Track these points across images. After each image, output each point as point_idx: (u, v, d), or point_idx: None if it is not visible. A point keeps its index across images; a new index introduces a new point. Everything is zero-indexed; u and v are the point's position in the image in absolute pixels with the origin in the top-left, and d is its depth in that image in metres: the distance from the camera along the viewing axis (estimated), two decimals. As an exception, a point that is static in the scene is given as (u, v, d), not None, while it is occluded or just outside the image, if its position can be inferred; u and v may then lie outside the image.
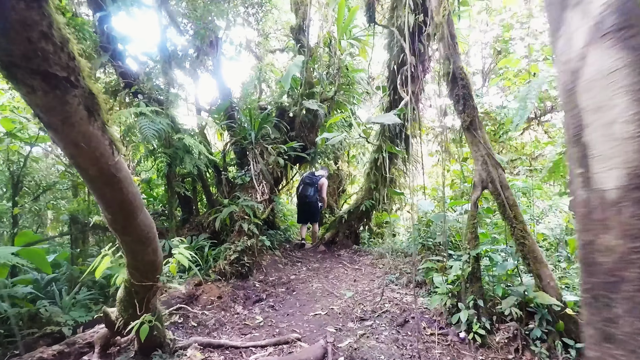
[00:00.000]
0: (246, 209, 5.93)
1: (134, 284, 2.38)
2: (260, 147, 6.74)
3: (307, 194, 7.66)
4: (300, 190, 7.89)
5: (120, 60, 6.07)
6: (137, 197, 2.12)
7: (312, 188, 7.69)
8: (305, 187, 7.84)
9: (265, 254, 6.29)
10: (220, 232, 6.55)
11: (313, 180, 7.81)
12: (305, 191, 7.74)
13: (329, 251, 7.70)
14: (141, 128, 4.94)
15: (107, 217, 2.08)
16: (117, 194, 1.96)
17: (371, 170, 7.49)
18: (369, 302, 4.48)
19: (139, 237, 2.21)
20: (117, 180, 1.89)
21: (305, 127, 7.48)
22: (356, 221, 7.74)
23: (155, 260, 2.45)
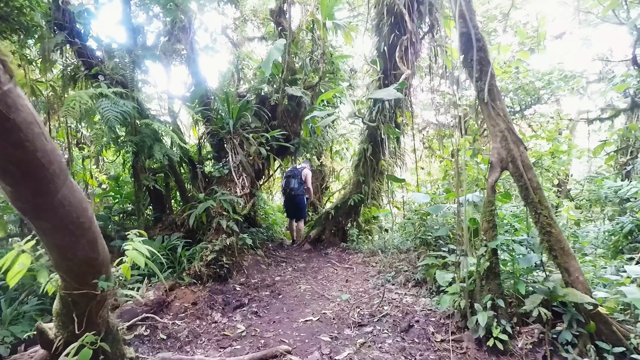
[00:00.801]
0: (224, 204, 5.32)
1: (70, 293, 1.77)
2: (240, 136, 6.14)
3: (292, 186, 7.34)
4: (284, 185, 7.57)
5: (79, 40, 5.36)
6: (56, 159, 1.50)
7: (295, 180, 7.35)
8: (289, 180, 7.49)
9: (247, 253, 5.69)
10: (197, 230, 5.91)
11: (295, 173, 7.48)
12: (289, 184, 7.41)
13: (315, 250, 7.16)
14: (102, 110, 4.27)
15: (6, 190, 1.45)
16: (14, 149, 1.31)
17: (359, 162, 7.00)
18: (365, 305, 3.97)
19: (64, 223, 1.56)
20: (12, 125, 1.25)
21: (288, 117, 6.92)
22: (344, 217, 7.23)
23: (95, 258, 1.83)
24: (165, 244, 5.19)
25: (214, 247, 4.99)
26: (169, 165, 6.15)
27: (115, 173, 7.77)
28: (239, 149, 5.99)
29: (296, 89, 6.61)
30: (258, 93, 6.82)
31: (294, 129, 7.02)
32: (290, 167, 7.89)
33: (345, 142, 12.06)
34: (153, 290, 4.21)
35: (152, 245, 5.14)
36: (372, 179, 7.01)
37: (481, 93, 2.77)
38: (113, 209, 7.00)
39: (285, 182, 7.59)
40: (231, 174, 5.86)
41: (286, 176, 7.64)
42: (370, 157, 6.72)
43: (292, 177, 7.49)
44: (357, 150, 7.23)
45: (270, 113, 6.78)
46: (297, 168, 7.65)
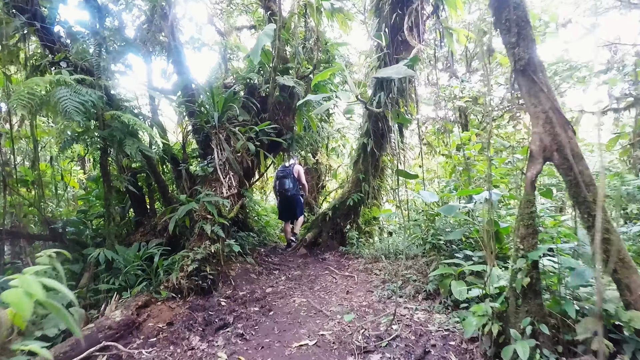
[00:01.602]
0: (208, 206, 4.70)
1: None
2: (226, 131, 5.52)
3: (286, 187, 6.85)
4: (277, 187, 7.08)
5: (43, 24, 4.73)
6: None
7: (288, 180, 6.86)
8: (282, 181, 6.97)
9: (235, 261, 5.08)
10: (180, 236, 5.31)
11: (286, 172, 6.97)
12: (283, 185, 6.91)
13: (312, 255, 6.56)
14: (59, 100, 3.64)
15: None
16: None
17: (359, 158, 6.41)
18: (371, 324, 3.37)
19: None
20: None
21: (280, 109, 6.31)
22: (342, 219, 6.64)
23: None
24: (142, 253, 4.56)
25: (196, 255, 4.38)
26: (148, 163, 5.55)
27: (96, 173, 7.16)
28: (225, 144, 5.37)
29: (288, 79, 6.01)
30: (246, 83, 6.20)
31: (287, 123, 6.40)
32: (279, 166, 7.34)
33: (342, 139, 11.47)
34: (121, 310, 3.59)
35: (126, 254, 4.54)
36: (372, 176, 6.42)
37: (519, 62, 2.17)
38: (89, 212, 6.38)
39: (278, 184, 7.09)
40: (216, 173, 5.24)
41: (278, 177, 7.12)
42: (371, 153, 6.13)
43: (284, 177, 6.99)
44: (356, 145, 6.63)
45: (260, 105, 6.16)
46: (286, 166, 7.11)
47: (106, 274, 4.33)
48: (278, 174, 7.11)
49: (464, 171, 6.10)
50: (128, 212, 6.52)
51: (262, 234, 7.69)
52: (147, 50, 6.52)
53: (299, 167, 7.17)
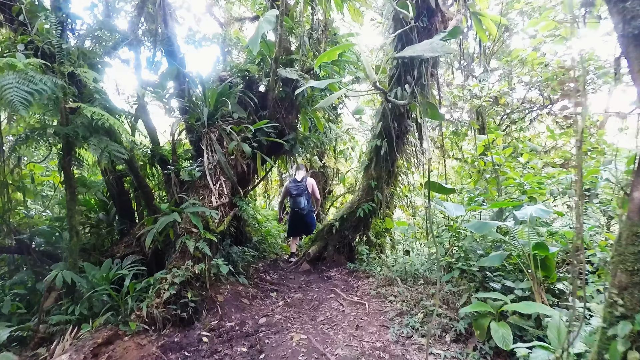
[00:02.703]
0: (192, 218, 3.97)
1: None
2: (219, 130, 4.79)
3: (301, 206, 6.26)
4: (291, 204, 6.46)
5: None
6: None
7: (302, 198, 6.25)
8: (296, 200, 6.27)
9: (224, 282, 4.33)
10: (164, 251, 4.60)
11: (300, 188, 6.23)
12: (298, 204, 6.28)
13: (316, 271, 5.80)
14: (2, 89, 2.93)
15: None
16: None
17: (370, 163, 5.63)
18: (388, 381, 2.59)
19: None
20: None
21: (282, 106, 5.56)
22: (351, 231, 5.86)
23: None
24: (112, 273, 3.84)
25: (175, 278, 3.64)
26: (129, 166, 4.85)
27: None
28: (216, 145, 4.64)
29: (291, 71, 5.26)
30: (244, 76, 5.47)
31: (289, 122, 5.66)
32: (290, 180, 6.61)
33: (351, 141, 10.69)
34: (71, 352, 2.86)
35: (93, 275, 3.81)
36: (386, 183, 5.64)
37: (632, 22, 1.40)
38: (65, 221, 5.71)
39: (292, 202, 6.39)
40: (205, 178, 4.51)
41: (291, 195, 6.38)
42: (385, 157, 5.35)
43: (298, 195, 6.27)
44: (368, 148, 5.84)
45: (259, 102, 5.43)
46: (299, 181, 6.35)
47: (67, 299, 3.61)
48: (291, 191, 6.36)
49: (492, 179, 5.30)
50: (113, 220, 5.85)
51: (262, 244, 6.95)
52: (136, 39, 5.82)
53: (312, 181, 6.50)
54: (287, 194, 6.52)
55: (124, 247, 5.23)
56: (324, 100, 2.64)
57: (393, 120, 5.00)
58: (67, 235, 5.60)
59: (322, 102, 2.59)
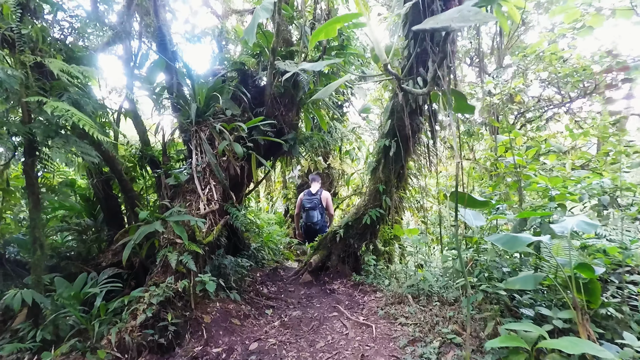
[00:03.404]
0: (175, 228, 3.49)
1: None
2: (209, 128, 4.31)
3: (314, 221, 6.01)
4: (304, 218, 6.17)
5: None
6: None
7: (316, 212, 5.99)
8: (310, 214, 6.06)
9: (213, 300, 3.84)
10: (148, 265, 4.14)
11: (314, 202, 5.98)
12: (311, 219, 6.04)
13: (318, 283, 5.30)
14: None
15: None
16: None
17: (378, 165, 5.11)
18: None
19: None
20: None
21: (281, 103, 5.08)
22: (356, 239, 5.34)
23: None
24: (85, 291, 3.38)
25: (153, 297, 3.16)
26: (111, 168, 4.40)
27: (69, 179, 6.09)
28: (206, 145, 4.17)
29: (291, 64, 4.78)
30: (239, 70, 4.99)
31: (289, 120, 5.17)
32: (304, 192, 6.24)
33: (358, 141, 10.15)
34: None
35: (61, 294, 3.36)
36: (395, 187, 5.12)
37: None
38: (47, 226, 5.31)
39: (305, 216, 6.10)
40: (193, 182, 4.04)
41: (305, 209, 6.06)
42: (395, 158, 4.83)
43: (312, 208, 6.00)
44: (375, 148, 5.32)
45: (255, 98, 4.96)
46: (313, 194, 6.03)
47: (28, 322, 3.16)
48: (304, 204, 6.03)
49: (514, 184, 4.76)
50: (100, 226, 5.43)
51: (261, 252, 6.46)
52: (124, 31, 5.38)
53: (327, 195, 6.13)
54: (300, 207, 6.19)
55: (112, 255, 4.81)
56: (323, 89, 2.15)
57: (404, 117, 4.48)
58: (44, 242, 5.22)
59: (322, 91, 2.11)
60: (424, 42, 3.13)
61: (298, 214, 6.35)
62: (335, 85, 2.02)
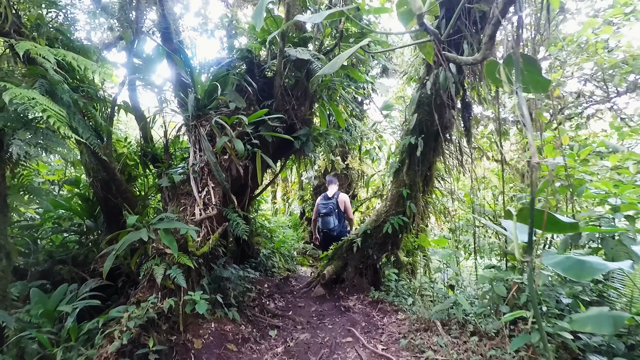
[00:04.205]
0: (163, 237, 2.99)
1: None
2: (210, 123, 3.80)
3: (331, 227, 5.40)
4: (320, 225, 5.56)
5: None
6: None
7: (332, 217, 5.39)
8: (325, 220, 5.45)
9: (208, 320, 3.32)
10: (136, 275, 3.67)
11: (330, 207, 5.42)
12: (327, 225, 5.43)
13: (332, 298, 4.73)
14: None
15: None
16: None
17: (402, 167, 4.49)
18: None
19: None
20: None
21: (293, 95, 4.52)
22: (376, 249, 4.73)
23: None
24: (58, 309, 2.92)
25: (129, 321, 2.66)
26: (103, 167, 3.96)
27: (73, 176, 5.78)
28: (205, 142, 3.66)
29: (303, 51, 4.22)
30: (245, 58, 4.47)
31: (301, 115, 4.61)
32: (320, 196, 5.68)
33: (379, 140, 9.48)
34: None
35: (35, 310, 2.92)
36: (421, 192, 4.49)
37: None
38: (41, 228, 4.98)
39: (321, 222, 5.51)
40: (189, 184, 3.54)
41: (320, 214, 5.48)
42: (422, 158, 4.19)
43: (327, 214, 5.41)
44: (399, 147, 4.68)
45: (264, 89, 4.43)
46: (329, 197, 5.46)
47: (-11, 344, 2.72)
48: (320, 209, 5.47)
49: (562, 189, 4.05)
50: (101, 228, 5.04)
51: (271, 259, 5.94)
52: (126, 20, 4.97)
53: (345, 198, 5.55)
54: (317, 213, 5.63)
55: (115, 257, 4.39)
56: (332, 61, 1.60)
57: (433, 110, 3.85)
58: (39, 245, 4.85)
59: (330, 64, 1.56)
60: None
61: (315, 219, 5.81)
62: (347, 54, 1.47)
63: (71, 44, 4.27)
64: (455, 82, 3.75)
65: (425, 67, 4.20)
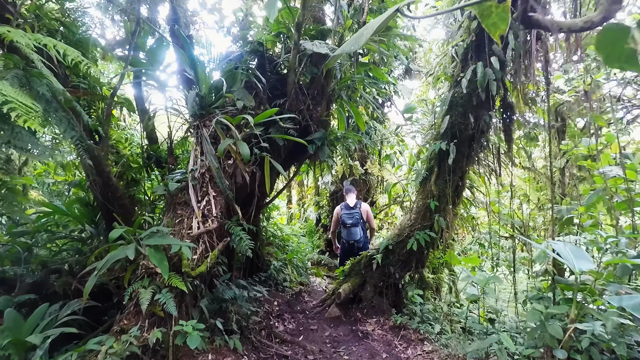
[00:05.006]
0: (152, 255, 2.57)
1: None
2: (214, 123, 3.37)
3: (357, 239, 5.00)
4: (345, 236, 5.13)
5: None
6: None
7: (358, 228, 4.99)
8: (352, 232, 5.03)
9: (204, 352, 2.87)
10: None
11: (355, 217, 4.99)
12: (354, 236, 5.01)
13: (348, 319, 4.23)
14: None
15: None
16: None
17: (430, 176, 3.96)
18: None
19: None
20: None
21: (308, 95, 4.06)
22: (398, 267, 4.21)
23: None
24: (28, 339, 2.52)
25: (107, 356, 2.24)
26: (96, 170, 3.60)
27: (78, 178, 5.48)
28: (208, 145, 3.23)
29: (321, 45, 3.75)
30: (256, 51, 4.03)
31: (317, 116, 4.13)
32: (341, 205, 5.24)
33: (400, 144, 8.90)
34: None
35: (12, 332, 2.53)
36: (452, 204, 3.95)
37: None
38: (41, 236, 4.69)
39: (346, 234, 5.09)
40: (187, 192, 3.11)
41: (345, 225, 5.05)
42: (453, 167, 3.66)
43: (354, 225, 4.99)
44: (427, 153, 4.13)
45: (276, 86, 3.99)
46: (352, 207, 5.05)
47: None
48: (345, 220, 5.03)
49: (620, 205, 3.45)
50: (102, 234, 4.70)
51: (282, 272, 5.48)
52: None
53: (367, 207, 5.19)
54: (338, 223, 5.22)
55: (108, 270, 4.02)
56: (354, 36, 1.13)
57: (468, 112, 3.32)
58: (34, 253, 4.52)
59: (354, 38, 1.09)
60: None
61: (334, 231, 5.37)
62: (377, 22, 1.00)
63: (73, 37, 3.96)
64: (497, 79, 3.21)
65: (461, 63, 3.67)
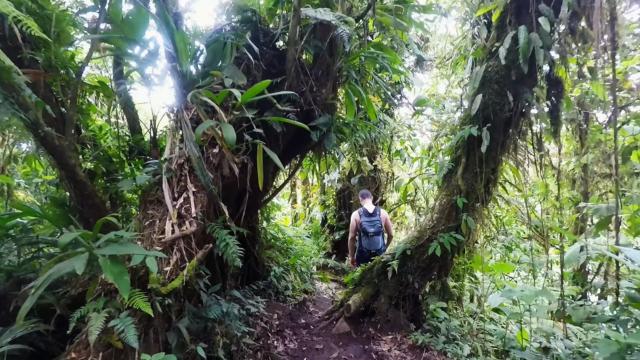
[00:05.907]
0: (107, 268, 1.97)
1: None
2: (196, 104, 2.76)
3: (379, 248, 4.62)
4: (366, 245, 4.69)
5: None
6: None
7: (380, 237, 4.63)
8: (374, 241, 4.63)
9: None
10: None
11: (377, 225, 4.62)
12: (376, 245, 4.63)
13: (358, 336, 3.62)
14: None
15: None
16: None
17: (456, 168, 3.32)
18: None
19: None
20: None
21: (311, 74, 3.44)
22: (417, 275, 3.58)
23: None
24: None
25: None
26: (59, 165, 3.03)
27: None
28: (188, 130, 2.63)
29: (325, 12, 3.14)
30: (248, 21, 3.40)
31: (321, 99, 3.51)
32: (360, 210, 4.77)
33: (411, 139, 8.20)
34: None
35: None
36: (482, 201, 3.30)
37: None
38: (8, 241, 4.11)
39: (368, 243, 4.66)
40: (161, 188, 2.51)
41: (367, 233, 4.64)
42: (486, 156, 3.02)
43: (376, 233, 4.61)
44: (453, 142, 3.48)
45: (272, 63, 3.38)
46: (371, 214, 4.65)
47: None
48: (366, 229, 4.63)
49: None
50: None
51: (283, 280, 4.87)
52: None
53: (386, 214, 4.83)
54: (357, 231, 4.78)
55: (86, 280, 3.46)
56: None
57: (505, 90, 2.69)
58: None
59: None
60: None
61: (352, 238, 4.88)
62: None
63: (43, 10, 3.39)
64: (545, 45, 2.57)
65: (496, 31, 3.03)
